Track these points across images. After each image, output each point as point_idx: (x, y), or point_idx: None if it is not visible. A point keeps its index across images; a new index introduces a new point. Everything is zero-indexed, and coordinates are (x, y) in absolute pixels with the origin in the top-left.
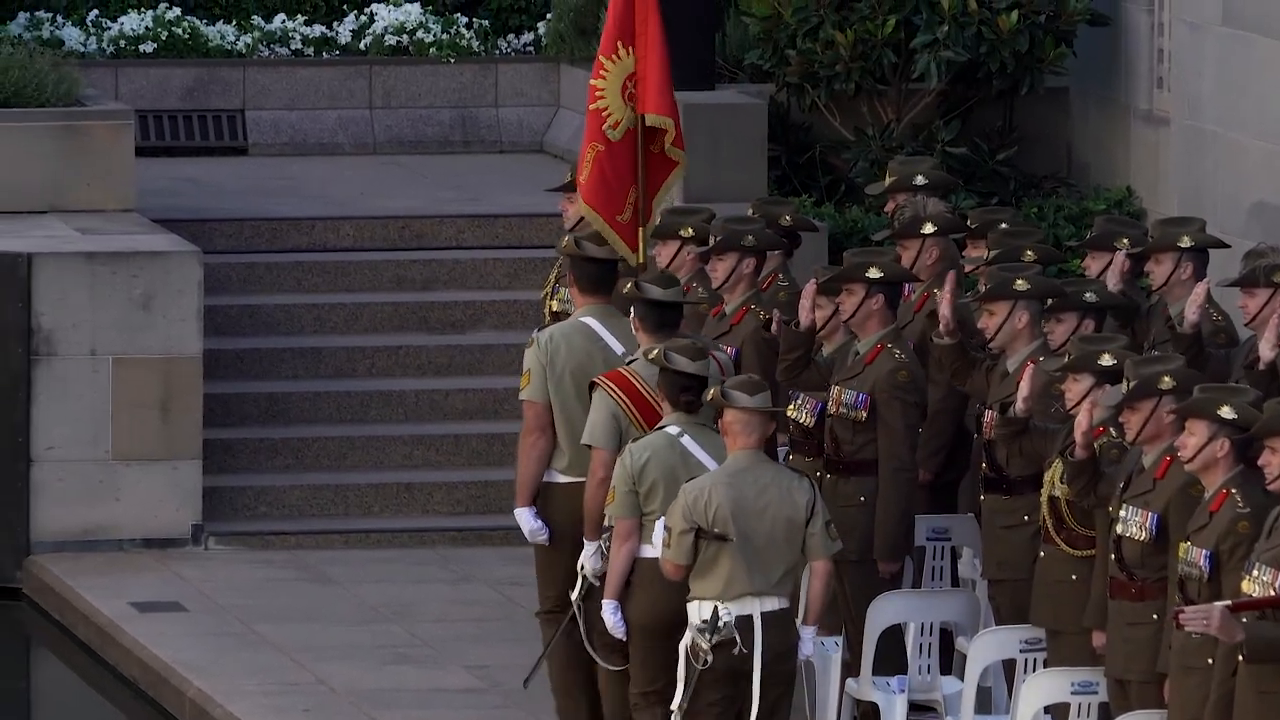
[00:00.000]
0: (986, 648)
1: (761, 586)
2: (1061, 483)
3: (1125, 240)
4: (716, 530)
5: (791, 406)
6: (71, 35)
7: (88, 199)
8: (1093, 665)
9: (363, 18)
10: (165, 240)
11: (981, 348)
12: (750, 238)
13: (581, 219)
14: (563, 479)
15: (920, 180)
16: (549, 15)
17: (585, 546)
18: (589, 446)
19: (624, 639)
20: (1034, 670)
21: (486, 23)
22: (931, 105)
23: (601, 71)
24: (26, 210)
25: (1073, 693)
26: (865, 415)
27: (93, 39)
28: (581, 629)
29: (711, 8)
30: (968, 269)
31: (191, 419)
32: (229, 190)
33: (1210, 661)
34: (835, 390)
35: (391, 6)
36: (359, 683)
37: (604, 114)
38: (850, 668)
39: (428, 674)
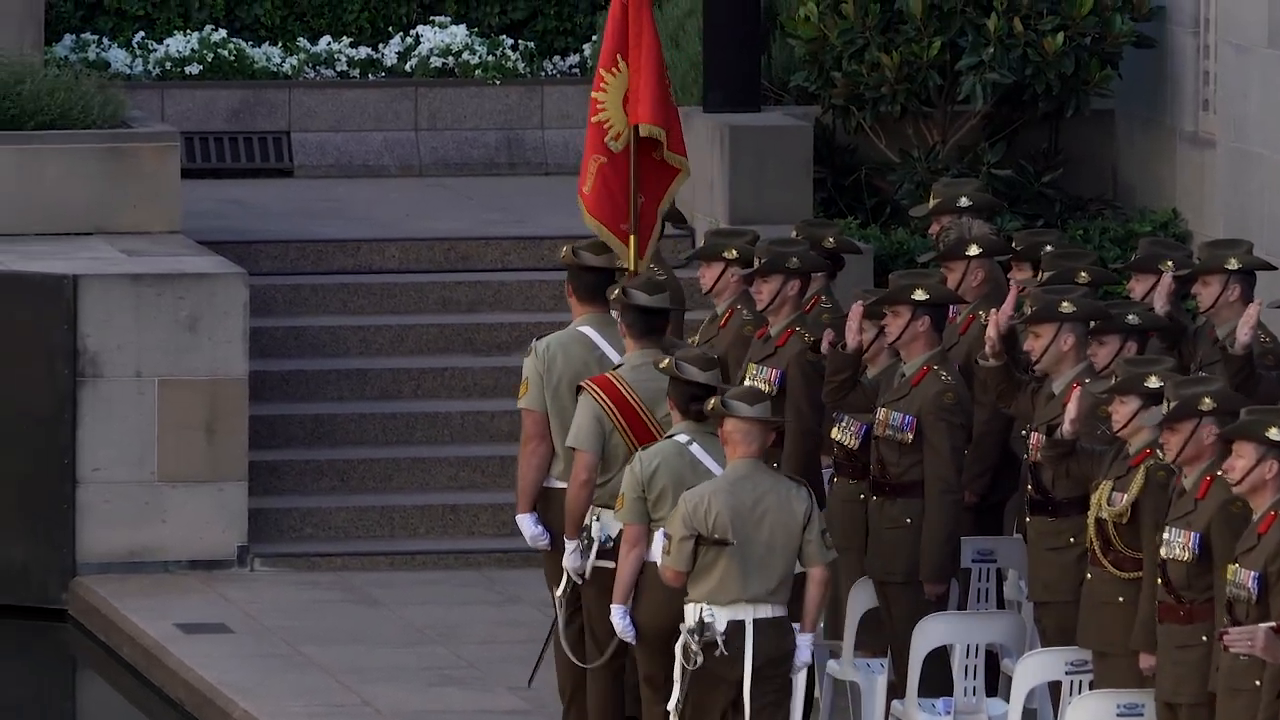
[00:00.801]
0: (1032, 670)
1: (756, 593)
2: (1108, 505)
3: (1169, 262)
4: (716, 535)
5: (836, 429)
6: (118, 57)
7: (133, 221)
8: (1139, 687)
9: (408, 40)
10: (211, 262)
11: (1026, 370)
12: (795, 260)
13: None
14: (561, 485)
15: (964, 202)
16: (594, 37)
17: (566, 545)
18: (572, 449)
19: (633, 642)
20: (1079, 692)
21: (532, 45)
22: (977, 127)
23: (602, 85)
24: (72, 232)
25: (1118, 715)
26: (911, 437)
27: (139, 61)
28: (560, 627)
29: (757, 30)
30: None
31: (237, 441)
32: (274, 212)
33: (1258, 684)
34: (881, 412)
35: (437, 29)
36: (404, 704)
37: (605, 126)
38: (896, 689)
39: (473, 696)
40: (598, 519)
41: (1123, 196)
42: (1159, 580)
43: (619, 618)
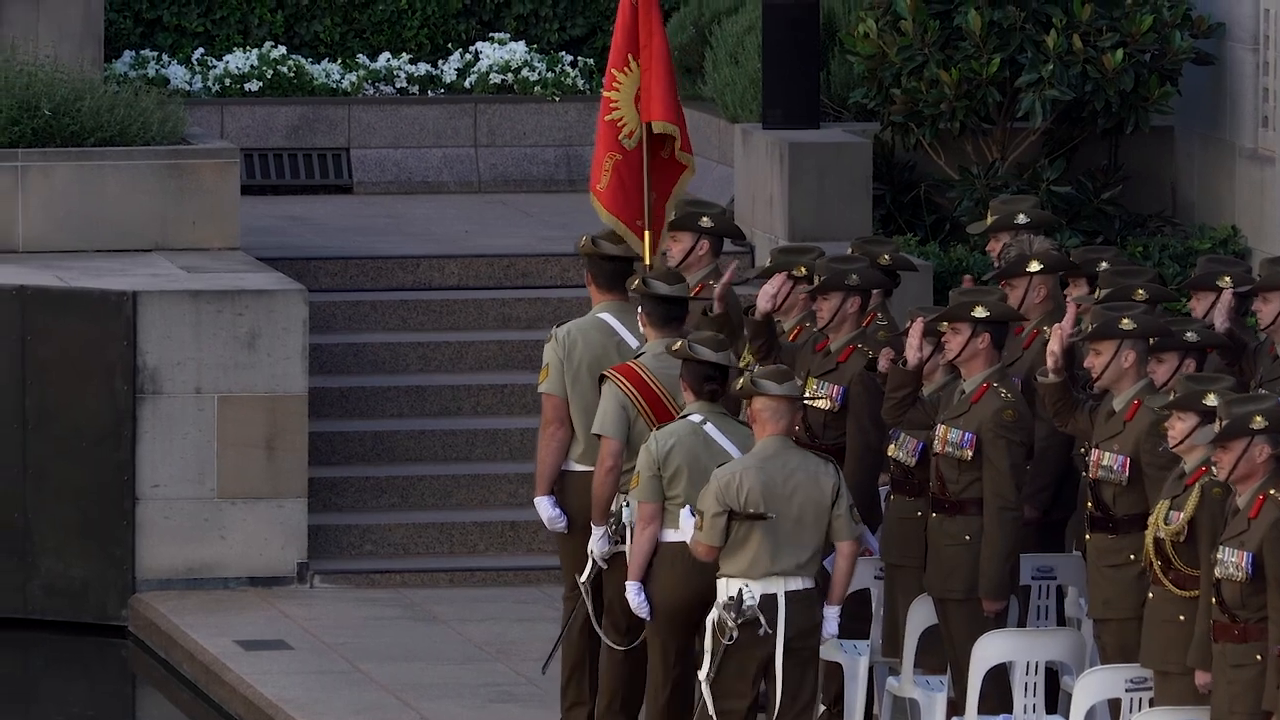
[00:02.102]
0: (1092, 687)
1: (787, 567)
2: (1165, 524)
3: (1228, 278)
4: (750, 510)
5: (893, 446)
6: (177, 74)
7: (193, 237)
8: (1199, 705)
9: (468, 56)
10: (270, 278)
11: (1084, 387)
12: (854, 277)
13: (683, 259)
14: (579, 468)
15: (1022, 219)
16: None
17: (593, 531)
18: (599, 435)
19: (648, 619)
20: (1139, 710)
21: (591, 61)
22: (1036, 144)
23: (614, 84)
24: (132, 248)
25: None
26: (971, 454)
27: (198, 77)
28: (589, 610)
29: (816, 46)
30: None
31: (297, 457)
32: (334, 228)
33: None
34: (941, 429)
35: (496, 45)
36: None
37: (619, 124)
38: (955, 707)
39: (532, 713)
40: (626, 505)
41: (1182, 213)
42: (1213, 600)
43: (634, 594)
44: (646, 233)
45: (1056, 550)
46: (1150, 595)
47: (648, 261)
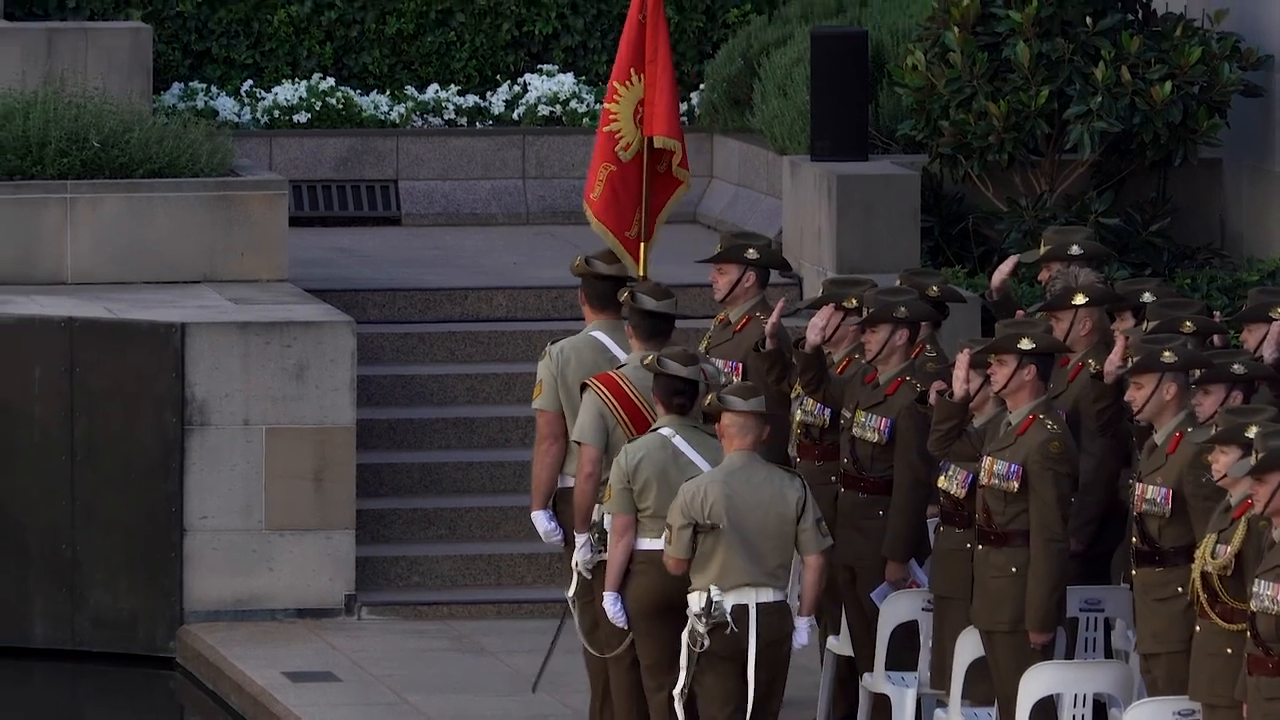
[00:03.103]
0: None
1: (757, 578)
2: (1212, 557)
3: (1279, 310)
4: (710, 522)
5: (943, 478)
6: (226, 105)
7: (241, 269)
8: None
9: (516, 88)
10: (318, 310)
11: (1131, 419)
12: (902, 309)
13: (729, 291)
14: (574, 482)
15: (1075, 250)
16: (702, 85)
17: (575, 539)
18: (578, 443)
19: (625, 628)
20: None
21: None
22: (1084, 176)
23: (615, 96)
24: (181, 280)
25: None
26: (1017, 486)
27: (247, 109)
28: (576, 622)
29: (865, 78)
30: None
31: (345, 489)
32: (382, 260)
33: None
34: (987, 461)
35: (545, 77)
36: None
37: (616, 136)
38: None
39: None
40: (607, 514)
41: (1230, 245)
42: (1248, 633)
43: (610, 604)
44: (643, 245)
45: (1102, 583)
46: (1198, 628)
47: (641, 274)
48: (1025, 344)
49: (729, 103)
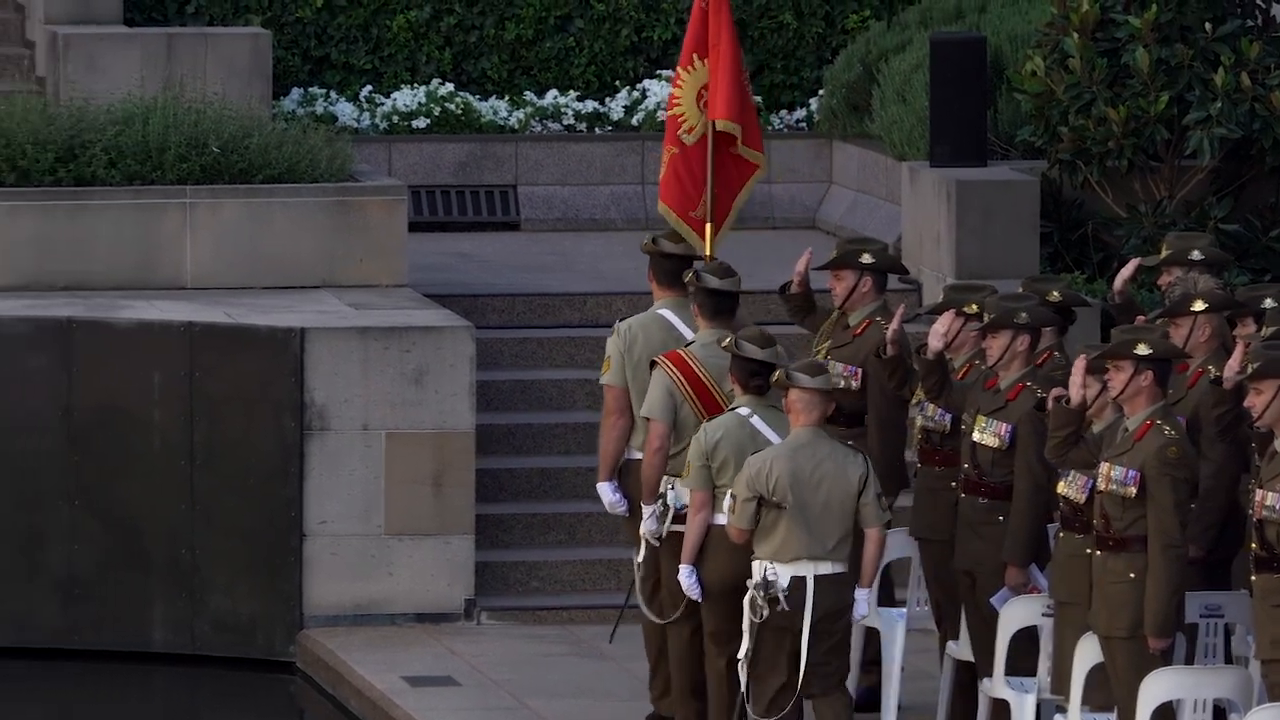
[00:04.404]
0: None
1: (817, 551)
2: None
3: None
4: (775, 499)
5: (1063, 483)
6: (345, 111)
7: (361, 274)
8: None
9: (635, 94)
10: (438, 315)
11: (1251, 425)
12: (1024, 315)
13: (846, 296)
14: (640, 456)
15: (1196, 255)
16: (821, 91)
17: (643, 511)
18: (647, 419)
19: (699, 600)
20: None
21: (759, 99)
22: (1204, 182)
23: (679, 82)
24: (300, 285)
25: None
26: (1134, 492)
27: (366, 115)
28: (638, 588)
29: (984, 84)
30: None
31: (464, 494)
32: (501, 265)
33: None
34: (1104, 467)
35: (664, 82)
36: None
37: (680, 120)
38: None
39: None
40: (672, 486)
41: None
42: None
43: (685, 576)
44: (707, 225)
45: (1222, 588)
46: None
47: (707, 254)
48: (1142, 349)
49: (848, 109)
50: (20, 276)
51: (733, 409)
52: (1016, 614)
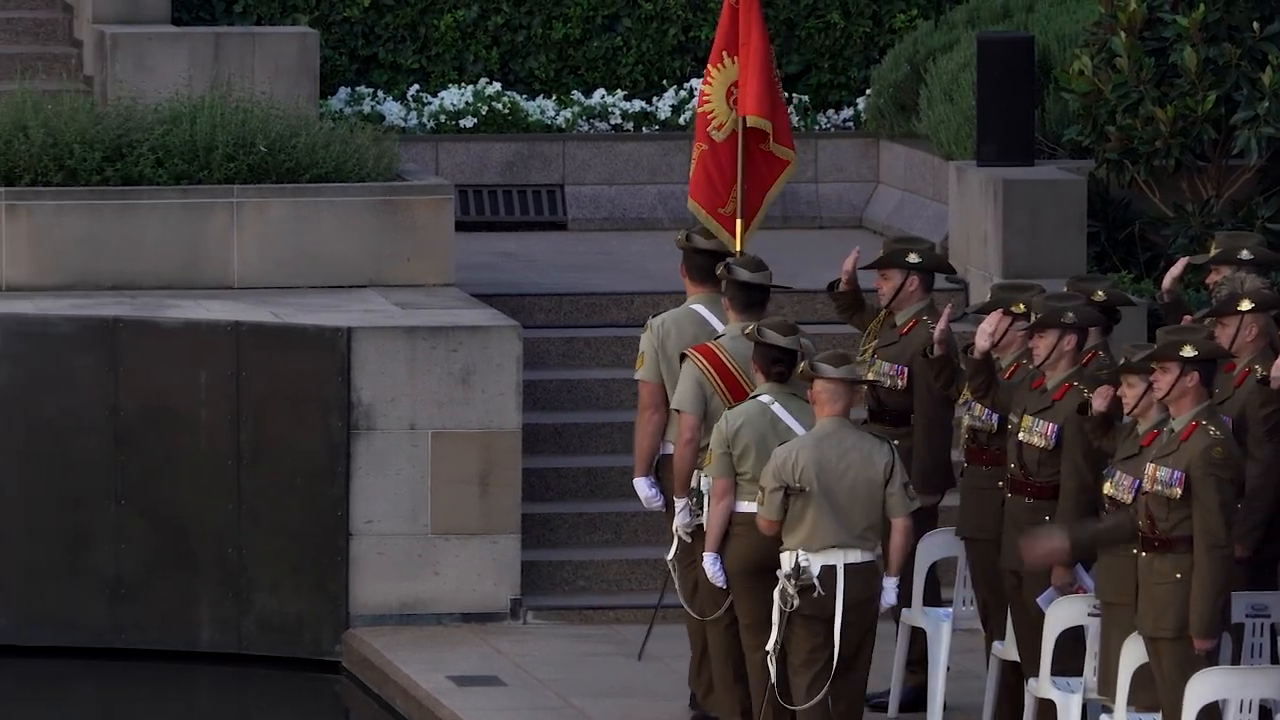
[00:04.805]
0: None
1: (845, 540)
2: None
3: None
4: (801, 485)
5: (1109, 484)
6: (392, 110)
7: (407, 273)
8: None
9: (682, 93)
10: (484, 315)
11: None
12: (1070, 314)
13: (893, 296)
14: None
15: (1245, 255)
16: (869, 91)
17: (675, 504)
18: (678, 411)
19: (724, 587)
20: None
21: (806, 98)
22: (1251, 181)
23: (709, 79)
24: (346, 285)
25: None
26: (1180, 492)
27: (413, 114)
28: (676, 583)
29: (1031, 84)
30: None
31: (510, 493)
32: (548, 265)
33: None
34: (1150, 468)
35: None
36: None
37: (710, 117)
38: None
39: None
40: (705, 478)
41: None
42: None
43: (710, 563)
44: (738, 221)
45: (1268, 589)
46: None
47: (738, 249)
48: (1188, 351)
49: (895, 108)
50: (67, 276)
51: (754, 396)
52: (1062, 614)
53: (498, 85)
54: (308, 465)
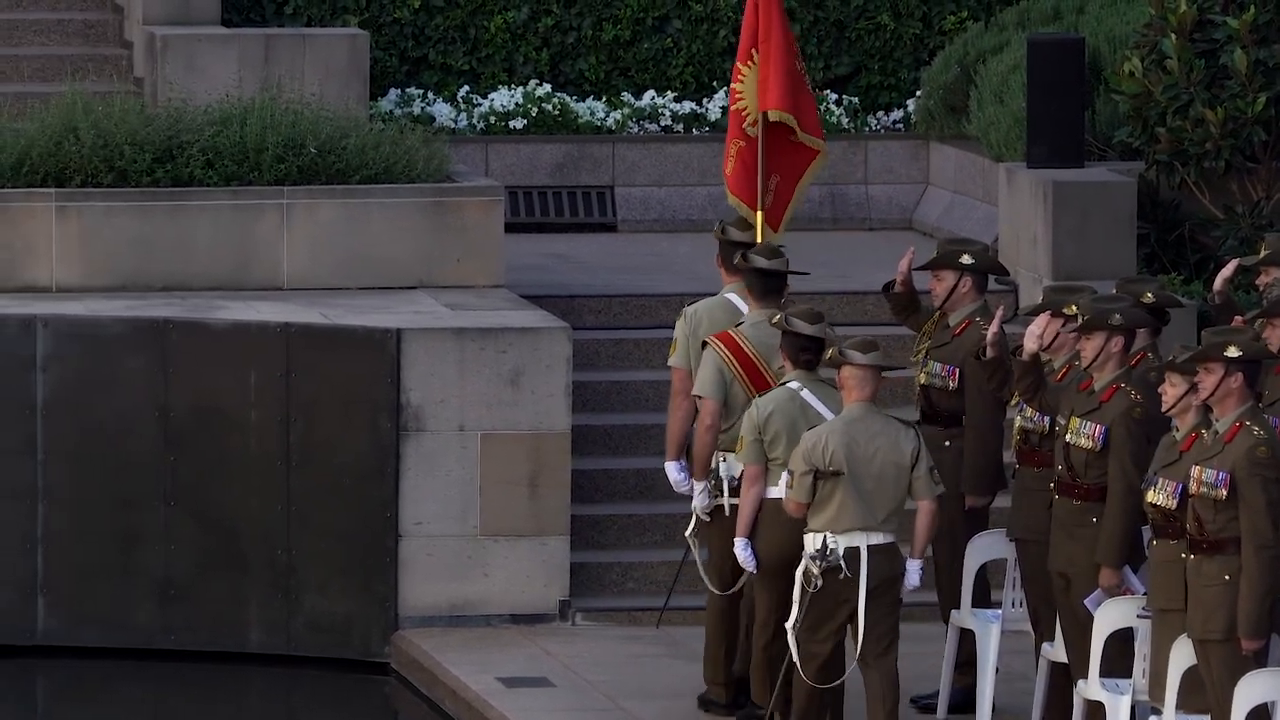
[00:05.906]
0: None
1: (869, 522)
2: None
3: None
4: (831, 469)
5: (1151, 491)
6: (442, 111)
7: (457, 275)
8: None
9: None
10: (534, 316)
11: None
12: (1117, 316)
13: (946, 297)
14: None
15: None
16: (919, 93)
17: (694, 485)
18: (699, 397)
19: (755, 571)
20: None
21: (856, 100)
22: None
23: (740, 77)
24: (396, 286)
25: None
26: (1226, 494)
27: (463, 115)
28: (697, 559)
29: (1081, 85)
30: None
31: (560, 495)
32: (597, 266)
33: None
34: (1195, 470)
35: None
36: None
37: (744, 113)
38: None
39: None
40: (724, 460)
41: None
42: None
43: (741, 549)
44: (759, 213)
45: None
46: None
47: (759, 239)
48: (1232, 351)
49: (945, 110)
50: (118, 277)
51: (783, 383)
52: (1111, 616)
53: (548, 87)
54: (357, 466)
